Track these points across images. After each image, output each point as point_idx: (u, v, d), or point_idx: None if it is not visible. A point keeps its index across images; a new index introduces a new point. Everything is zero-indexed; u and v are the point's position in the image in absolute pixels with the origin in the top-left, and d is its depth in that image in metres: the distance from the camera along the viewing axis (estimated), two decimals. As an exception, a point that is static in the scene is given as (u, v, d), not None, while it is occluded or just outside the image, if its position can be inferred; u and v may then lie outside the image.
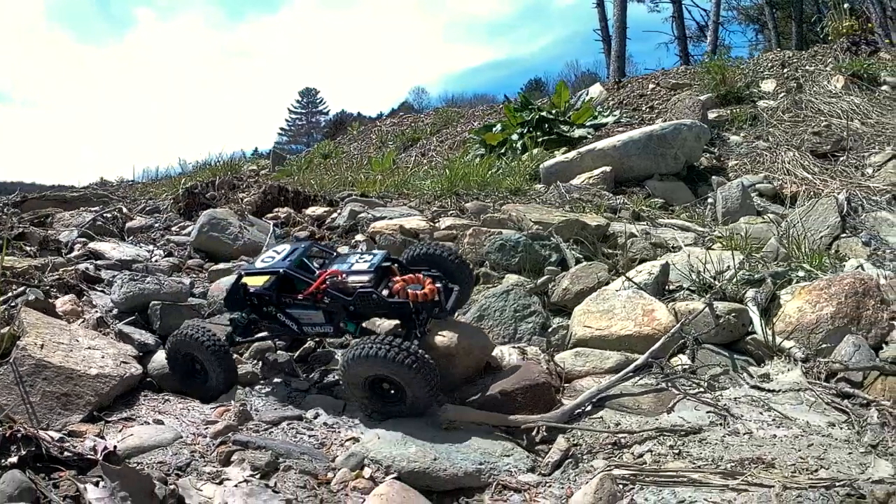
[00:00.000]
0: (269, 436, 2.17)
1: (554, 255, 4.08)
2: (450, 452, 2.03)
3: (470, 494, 1.93)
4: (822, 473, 2.20)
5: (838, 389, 2.97)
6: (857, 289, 3.66)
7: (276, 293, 2.80)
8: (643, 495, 1.82)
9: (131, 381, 2.64)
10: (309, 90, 55.28)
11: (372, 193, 5.90)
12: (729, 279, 3.54)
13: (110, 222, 5.47)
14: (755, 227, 7.24)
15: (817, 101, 10.29)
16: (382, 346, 2.36)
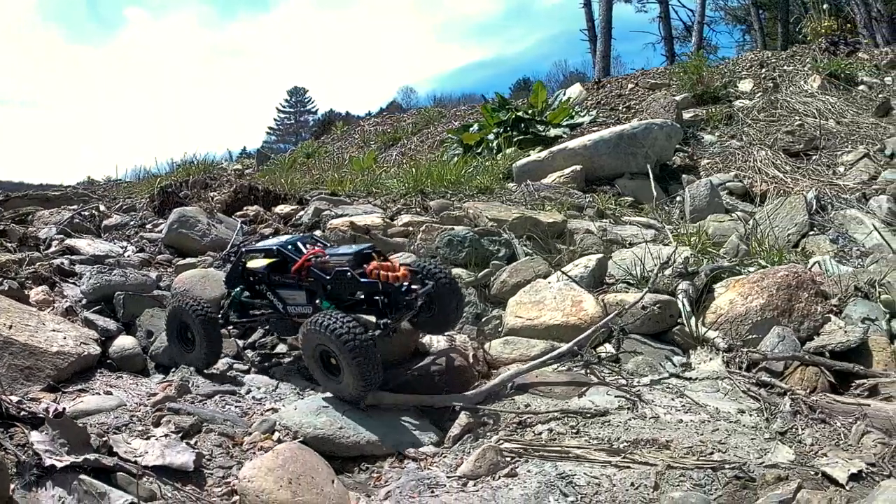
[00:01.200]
0: (202, 406, 2.44)
1: (503, 251, 4.34)
2: (356, 424, 2.29)
3: (372, 461, 2.18)
4: (715, 456, 2.36)
5: (757, 378, 3.15)
6: (791, 282, 3.88)
7: (269, 271, 3.07)
8: (526, 467, 2.05)
9: (89, 359, 2.93)
10: (297, 89, 55.68)
11: (342, 192, 6.16)
12: (664, 273, 3.80)
13: (88, 220, 5.75)
14: (722, 225, 7.49)
15: (793, 100, 10.57)
16: (334, 319, 2.51)
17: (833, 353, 3.32)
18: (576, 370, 3.01)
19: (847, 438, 2.67)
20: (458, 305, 3.14)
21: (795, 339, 3.44)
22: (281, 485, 1.72)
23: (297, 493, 1.70)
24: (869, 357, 3.39)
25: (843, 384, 3.15)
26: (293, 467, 1.78)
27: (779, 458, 2.43)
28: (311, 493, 1.72)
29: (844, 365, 3.16)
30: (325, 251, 3.03)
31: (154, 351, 3.24)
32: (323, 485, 1.76)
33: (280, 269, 3.10)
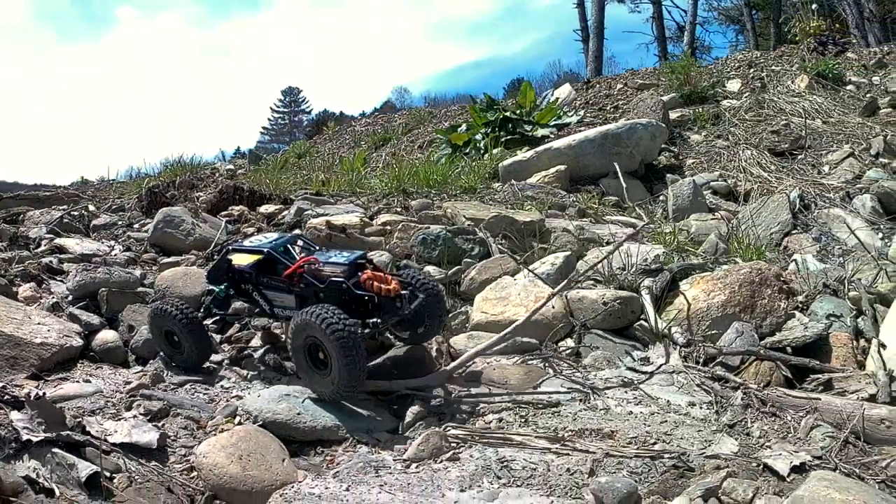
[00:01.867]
0: (173, 393, 2.62)
1: (476, 249, 4.51)
2: (315, 410, 2.45)
3: (328, 446, 2.35)
4: (657, 446, 2.45)
5: (712, 373, 3.26)
6: (754, 279, 4.02)
7: (256, 272, 3.09)
8: (469, 452, 2.19)
9: (71, 351, 3.11)
10: (291, 89, 56.06)
11: (326, 192, 6.34)
12: (629, 270, 3.97)
13: (77, 220, 5.92)
14: (704, 224, 7.66)
15: (780, 100, 10.74)
16: (329, 311, 2.56)
17: (795, 349, 3.44)
18: (534, 363, 3.17)
19: (796, 432, 2.75)
20: (441, 316, 3.21)
21: (754, 335, 3.55)
22: (232, 460, 1.90)
23: (246, 467, 1.88)
24: (829, 353, 3.50)
25: (801, 379, 3.22)
26: (245, 445, 1.96)
27: (722, 450, 2.51)
28: (259, 469, 1.90)
29: (800, 360, 3.27)
30: (317, 258, 3.02)
31: (134, 344, 3.41)
32: (272, 462, 1.93)
33: (268, 269, 3.11)
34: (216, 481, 1.87)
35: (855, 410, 2.72)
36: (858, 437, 2.67)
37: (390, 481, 1.80)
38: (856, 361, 3.45)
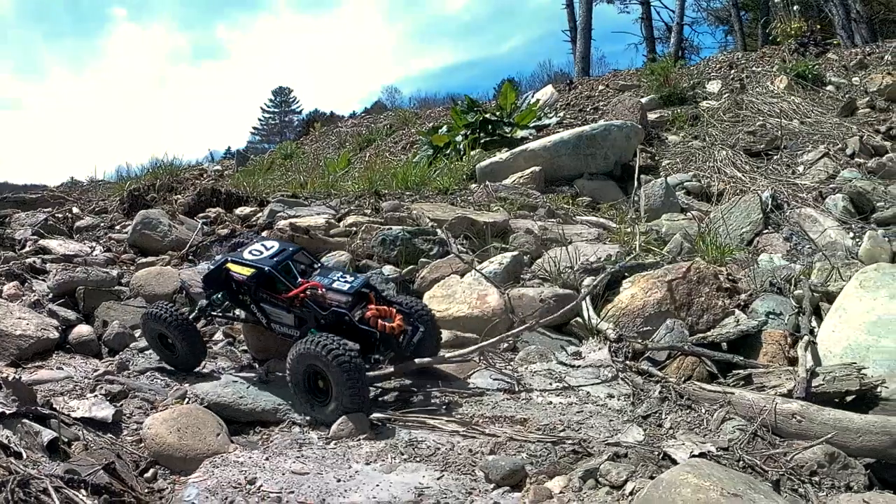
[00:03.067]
0: (135, 379, 2.95)
1: (436, 249, 4.84)
2: (257, 395, 2.77)
3: (267, 426, 2.65)
4: (564, 433, 2.64)
5: (637, 367, 3.44)
6: (692, 277, 4.29)
7: (255, 286, 3.06)
8: (386, 433, 2.46)
9: (48, 343, 3.45)
10: (282, 89, 56.62)
11: (303, 194, 6.68)
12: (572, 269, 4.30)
13: (61, 222, 6.27)
14: (675, 224, 7.97)
15: (758, 101, 11.06)
16: (331, 340, 2.60)
17: (730, 344, 3.66)
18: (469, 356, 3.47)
19: (708, 424, 2.86)
20: (437, 342, 3.27)
21: (684, 331, 3.77)
22: (171, 432, 2.23)
23: (182, 438, 2.21)
24: (759, 349, 3.69)
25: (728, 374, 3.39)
26: (184, 420, 2.30)
27: (627, 439, 2.66)
28: (194, 440, 2.23)
29: (723, 356, 3.46)
30: (320, 283, 3.02)
31: (106, 337, 3.74)
32: (206, 435, 2.27)
33: (268, 285, 3.09)
34: (156, 449, 2.21)
35: (767, 405, 2.85)
36: (770, 431, 2.80)
37: (308, 454, 2.12)
38: (786, 358, 3.62)
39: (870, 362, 3.36)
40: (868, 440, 2.66)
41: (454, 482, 1.86)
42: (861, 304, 3.80)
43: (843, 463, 2.56)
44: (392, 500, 1.68)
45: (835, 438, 2.66)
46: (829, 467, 2.55)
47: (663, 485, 1.88)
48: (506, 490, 1.88)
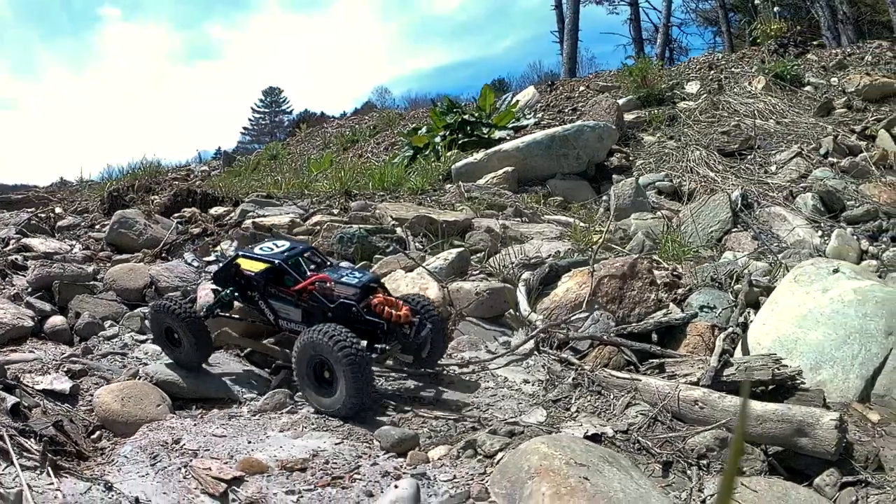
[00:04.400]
0: (96, 361, 3.33)
1: (392, 246, 5.22)
2: (202, 374, 3.12)
3: (208, 403, 2.94)
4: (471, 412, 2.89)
5: (559, 355, 3.67)
6: (625, 272, 4.60)
7: (265, 281, 3.13)
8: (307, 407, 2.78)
9: (23, 330, 3.83)
10: (272, 89, 57.23)
11: (277, 194, 7.06)
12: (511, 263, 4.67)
13: (44, 221, 6.66)
14: (644, 223, 8.30)
15: (735, 101, 11.41)
16: (338, 330, 2.63)
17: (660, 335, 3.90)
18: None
19: (614, 409, 3.04)
20: (444, 342, 3.33)
21: (609, 322, 4.04)
22: (116, 400, 2.59)
23: (125, 406, 2.58)
24: (682, 340, 3.94)
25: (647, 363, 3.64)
26: (128, 391, 2.66)
27: (529, 419, 2.86)
28: (135, 408, 2.59)
29: (641, 345, 3.67)
30: (329, 276, 3.09)
31: (77, 326, 4.12)
32: (147, 405, 2.63)
33: (276, 280, 3.15)
34: (103, 415, 2.57)
35: (671, 392, 3.01)
36: (674, 417, 2.96)
37: (232, 423, 2.49)
38: (708, 349, 3.81)
39: (797, 355, 3.57)
40: (769, 428, 2.75)
41: (349, 447, 2.21)
42: (793, 297, 4.01)
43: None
44: (288, 457, 2.04)
45: (734, 425, 2.74)
46: (720, 451, 2.68)
47: (518, 452, 2.13)
48: (392, 455, 2.21)
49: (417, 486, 1.86)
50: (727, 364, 3.27)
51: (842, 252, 7.34)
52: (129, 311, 4.38)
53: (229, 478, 1.81)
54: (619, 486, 1.87)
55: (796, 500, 2.38)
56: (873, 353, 3.49)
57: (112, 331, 4.10)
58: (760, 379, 3.15)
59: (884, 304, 3.66)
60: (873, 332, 3.56)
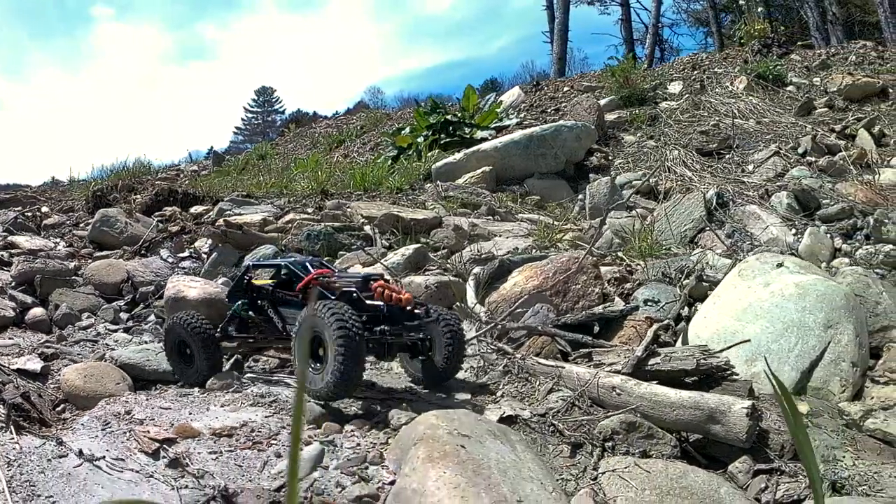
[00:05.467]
0: (69, 347, 3.69)
1: (359, 243, 5.57)
2: (162, 359, 3.48)
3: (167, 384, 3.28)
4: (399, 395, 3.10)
5: (496, 345, 3.87)
6: (570, 267, 4.93)
7: (273, 288, 3.25)
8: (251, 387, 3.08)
9: (4, 320, 4.18)
10: (265, 89, 57.93)
11: (257, 193, 7.42)
12: (462, 259, 5.01)
13: (30, 220, 7.03)
14: (618, 222, 8.62)
15: (716, 101, 11.72)
16: (339, 305, 2.65)
17: (602, 326, 4.17)
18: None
19: (537, 394, 3.19)
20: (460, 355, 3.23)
21: (548, 315, 4.29)
22: (79, 378, 2.94)
23: (87, 383, 2.93)
24: (618, 331, 4.15)
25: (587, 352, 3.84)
26: (91, 371, 3.01)
27: (450, 402, 3.09)
28: (96, 385, 2.94)
29: (573, 335, 3.86)
30: (332, 271, 3.19)
31: (56, 317, 4.49)
32: (107, 382, 2.98)
33: (285, 286, 3.24)
34: (67, 390, 2.92)
35: (591, 378, 3.15)
36: (593, 403, 3.10)
37: (180, 400, 2.82)
38: (641, 339, 3.79)
39: (733, 347, 3.54)
40: (681, 414, 2.85)
41: (276, 420, 2.53)
42: (735, 291, 4.14)
43: (647, 433, 2.80)
44: (220, 426, 2.37)
45: (651, 411, 2.90)
46: (627, 435, 2.80)
47: (413, 424, 2.36)
48: (312, 427, 2.54)
49: (323, 450, 2.19)
50: (653, 354, 3.39)
51: (814, 250, 7.58)
52: (106, 304, 4.75)
53: (161, 438, 2.15)
54: (495, 455, 2.06)
55: (694, 482, 2.45)
56: (811, 345, 3.60)
57: (88, 321, 4.46)
58: (684, 368, 3.25)
59: (824, 298, 3.79)
60: (811, 325, 3.66)
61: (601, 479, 2.35)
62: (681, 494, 2.31)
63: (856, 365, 3.56)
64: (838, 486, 2.69)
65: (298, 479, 1.10)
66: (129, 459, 2.07)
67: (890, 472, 2.75)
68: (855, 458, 2.92)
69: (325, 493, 1.88)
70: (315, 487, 1.91)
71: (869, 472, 2.76)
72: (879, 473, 2.75)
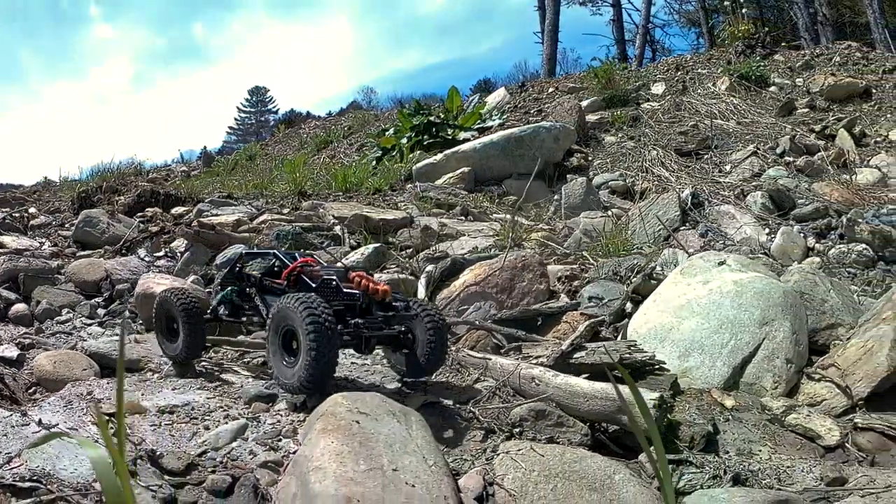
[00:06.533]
0: (47, 339, 4.10)
1: (327, 243, 5.96)
2: (129, 348, 3.86)
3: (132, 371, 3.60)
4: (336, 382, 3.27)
5: None
6: (517, 265, 5.19)
7: (261, 276, 3.40)
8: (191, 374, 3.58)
9: (-9, 314, 4.61)
10: (258, 88, 58.71)
11: (238, 194, 7.81)
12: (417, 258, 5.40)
13: (18, 220, 7.45)
14: (592, 221, 8.95)
15: (697, 102, 12.06)
16: (310, 298, 2.70)
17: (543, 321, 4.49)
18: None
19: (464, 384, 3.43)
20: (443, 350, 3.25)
21: (490, 310, 4.64)
22: (49, 363, 3.31)
23: (56, 368, 3.31)
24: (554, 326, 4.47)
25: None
26: (61, 357, 3.39)
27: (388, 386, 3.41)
28: (65, 370, 3.31)
29: (509, 330, 4.16)
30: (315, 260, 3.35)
31: (37, 312, 4.88)
32: (75, 368, 3.37)
33: (273, 274, 3.39)
34: (39, 374, 3.31)
35: (514, 370, 3.35)
36: (515, 392, 3.30)
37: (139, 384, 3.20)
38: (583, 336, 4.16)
39: (669, 343, 3.86)
40: (594, 404, 3.03)
41: (216, 401, 2.91)
42: (676, 288, 4.30)
43: (557, 421, 3.00)
44: (165, 405, 2.77)
45: (566, 401, 3.09)
46: (535, 422, 3.00)
47: (323, 401, 2.61)
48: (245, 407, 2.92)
49: (246, 425, 2.58)
50: (580, 348, 3.62)
51: (786, 249, 7.90)
52: (84, 300, 5.16)
53: (111, 412, 2.55)
54: (387, 432, 2.30)
55: (588, 467, 2.59)
56: (744, 342, 3.74)
57: (67, 316, 4.87)
58: (607, 362, 3.46)
59: (761, 296, 3.92)
60: (746, 322, 3.80)
61: (494, 460, 2.55)
62: (570, 477, 2.48)
63: (790, 361, 3.71)
64: (742, 479, 2.79)
65: (125, 436, 1.50)
66: (81, 429, 2.47)
67: (804, 466, 2.88)
68: (772, 452, 3.06)
69: (238, 460, 2.26)
70: (231, 455, 2.30)
71: (782, 466, 2.90)
72: (792, 468, 2.88)
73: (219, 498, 2.02)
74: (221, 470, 2.17)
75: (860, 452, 3.09)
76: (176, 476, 2.10)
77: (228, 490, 2.04)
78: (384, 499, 1.86)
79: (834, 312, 4.19)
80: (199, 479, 2.07)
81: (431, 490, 2.00)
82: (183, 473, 2.12)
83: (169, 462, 2.12)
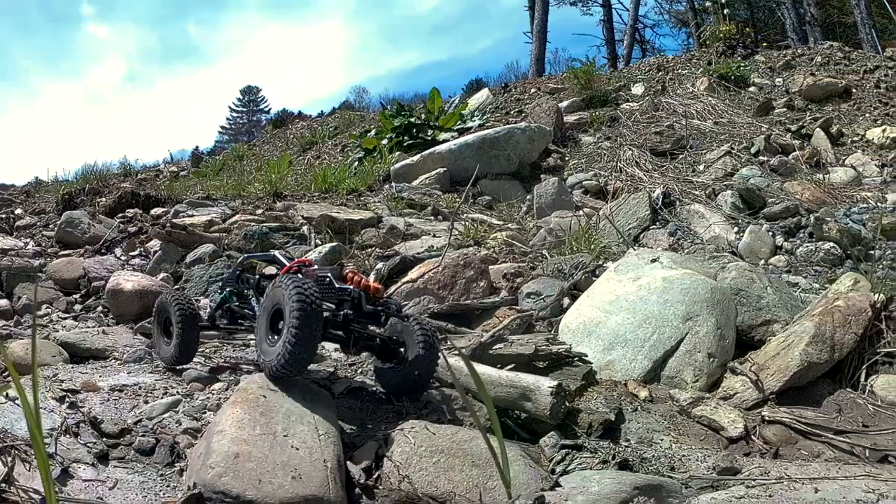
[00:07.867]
0: (24, 330, 4.59)
1: (293, 242, 6.45)
2: (96, 338, 4.34)
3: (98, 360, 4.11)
4: None
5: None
6: (459, 262, 5.59)
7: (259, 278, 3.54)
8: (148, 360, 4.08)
9: (-25, 309, 5.11)
10: (250, 88, 59.47)
11: (216, 195, 8.31)
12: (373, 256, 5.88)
13: (3, 221, 7.96)
14: (563, 221, 9.36)
15: (675, 102, 12.48)
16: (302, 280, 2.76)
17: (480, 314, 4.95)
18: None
19: None
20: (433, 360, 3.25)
21: (428, 305, 5.00)
22: (21, 350, 3.76)
23: (27, 354, 3.84)
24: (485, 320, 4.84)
25: None
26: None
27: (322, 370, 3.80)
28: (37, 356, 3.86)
29: (439, 323, 4.46)
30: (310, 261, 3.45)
31: (17, 307, 5.39)
32: (44, 355, 3.84)
33: (270, 277, 3.48)
34: (13, 359, 3.82)
35: None
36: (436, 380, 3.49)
37: (100, 369, 3.71)
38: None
39: (595, 337, 4.07)
40: (500, 391, 3.20)
41: (163, 382, 3.38)
42: (608, 285, 4.53)
43: (462, 405, 3.25)
44: (117, 384, 3.27)
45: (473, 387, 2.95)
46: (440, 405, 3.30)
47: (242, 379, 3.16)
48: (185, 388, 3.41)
49: (179, 400, 3.07)
50: (500, 340, 3.92)
51: (754, 248, 8.29)
52: (63, 297, 5.66)
53: (68, 389, 3.04)
54: (289, 405, 2.64)
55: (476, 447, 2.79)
56: (666, 336, 3.91)
57: (45, 311, 5.38)
58: (523, 353, 3.74)
59: (687, 292, 4.11)
60: (670, 317, 3.98)
61: (390, 436, 2.84)
62: (455, 453, 2.71)
63: (713, 356, 3.87)
64: (630, 465, 2.95)
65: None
66: (42, 402, 2.96)
67: (700, 455, 3.03)
68: (674, 441, 3.19)
69: (166, 428, 2.75)
70: (161, 423, 2.78)
71: (679, 455, 3.04)
72: (688, 457, 3.02)
73: (143, 455, 2.51)
74: (150, 434, 2.65)
75: (765, 445, 3.20)
76: (112, 438, 2.59)
77: (151, 450, 2.54)
78: (268, 457, 2.31)
79: (770, 308, 4.35)
80: (129, 442, 2.56)
81: (314, 454, 2.42)
82: (118, 436, 2.60)
83: (107, 427, 2.61)
